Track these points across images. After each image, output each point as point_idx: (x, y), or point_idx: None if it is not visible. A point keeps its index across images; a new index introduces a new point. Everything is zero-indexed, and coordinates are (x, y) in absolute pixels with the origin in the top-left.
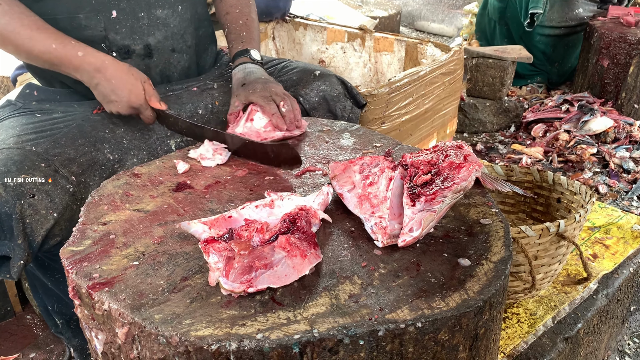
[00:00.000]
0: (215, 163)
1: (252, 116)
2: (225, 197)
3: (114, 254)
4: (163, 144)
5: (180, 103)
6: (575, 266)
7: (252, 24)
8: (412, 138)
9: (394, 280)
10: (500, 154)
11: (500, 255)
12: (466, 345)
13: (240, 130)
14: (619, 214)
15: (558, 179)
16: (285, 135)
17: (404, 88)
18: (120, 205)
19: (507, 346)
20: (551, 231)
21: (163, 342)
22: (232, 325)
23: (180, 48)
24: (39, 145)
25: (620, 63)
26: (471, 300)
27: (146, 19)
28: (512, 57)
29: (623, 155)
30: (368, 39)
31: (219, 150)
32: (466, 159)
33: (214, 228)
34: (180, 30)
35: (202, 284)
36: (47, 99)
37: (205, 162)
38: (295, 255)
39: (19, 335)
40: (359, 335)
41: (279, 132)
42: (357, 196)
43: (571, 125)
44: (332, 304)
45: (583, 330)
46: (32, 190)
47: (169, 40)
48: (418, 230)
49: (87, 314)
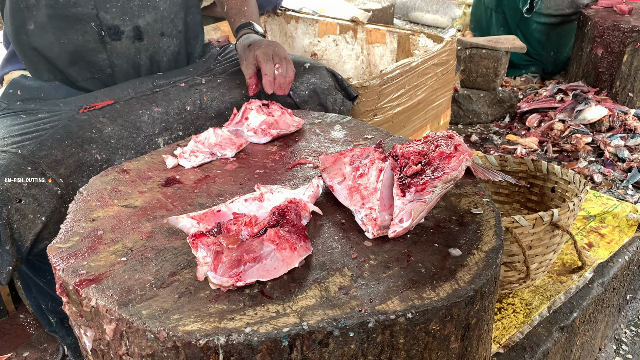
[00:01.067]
0: (191, 165)
1: (247, 115)
2: (214, 191)
3: (101, 250)
4: (151, 142)
5: (168, 100)
6: (571, 255)
7: (251, 2)
8: (405, 130)
9: (384, 271)
10: (495, 145)
11: (492, 244)
12: (458, 335)
13: (234, 128)
14: (614, 203)
15: (552, 168)
16: (280, 133)
17: (396, 79)
18: (108, 201)
19: (502, 336)
20: (545, 220)
21: (151, 337)
22: (220, 319)
23: (170, 32)
24: (24, 148)
25: (614, 52)
26: (462, 290)
27: (137, 0)
28: (505, 47)
29: (618, 144)
30: (360, 31)
31: (199, 152)
32: (457, 148)
33: (202, 222)
34: (170, 14)
35: (190, 278)
36: (32, 97)
37: (181, 160)
38: (284, 248)
39: (12, 334)
40: (349, 327)
41: (274, 130)
42: (348, 188)
43: (566, 114)
44: (322, 297)
45: (579, 319)
46: (19, 194)
47: (159, 23)
48: (408, 221)
49: (75, 310)
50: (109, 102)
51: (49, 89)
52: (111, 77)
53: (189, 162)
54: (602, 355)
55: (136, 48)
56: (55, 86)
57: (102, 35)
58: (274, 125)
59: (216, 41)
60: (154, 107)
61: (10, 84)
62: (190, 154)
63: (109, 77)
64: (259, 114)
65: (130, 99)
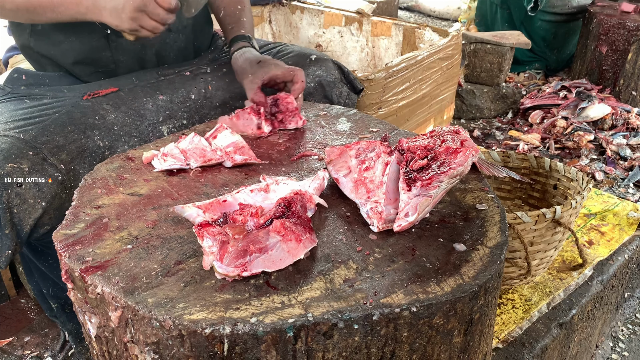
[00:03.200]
0: (161, 168)
1: (217, 133)
2: (220, 181)
3: (107, 237)
4: (155, 130)
5: (173, 88)
6: (571, 252)
7: (248, 11)
8: (409, 124)
9: (389, 265)
10: (497, 141)
11: (496, 240)
12: (461, 330)
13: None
14: (615, 201)
15: (555, 165)
16: (246, 160)
17: (401, 73)
18: (113, 188)
19: (501, 332)
20: (547, 217)
21: (156, 325)
22: (226, 309)
23: (176, 28)
24: (27, 133)
25: (618, 49)
26: (466, 285)
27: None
28: (510, 43)
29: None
30: (365, 23)
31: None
32: (463, 144)
33: (208, 212)
34: None
35: (196, 267)
36: (36, 83)
37: (154, 160)
38: (290, 240)
39: (14, 319)
40: (354, 319)
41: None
42: (353, 181)
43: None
44: (327, 288)
45: (577, 316)
46: (20, 178)
47: None
48: (414, 215)
49: (80, 297)
50: (113, 90)
51: (54, 77)
52: (115, 73)
53: (160, 164)
54: (598, 352)
55: (142, 44)
56: (60, 75)
57: (107, 34)
58: (242, 151)
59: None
60: (159, 95)
61: (14, 70)
62: (161, 156)
63: (113, 72)
64: (233, 134)
65: (135, 86)
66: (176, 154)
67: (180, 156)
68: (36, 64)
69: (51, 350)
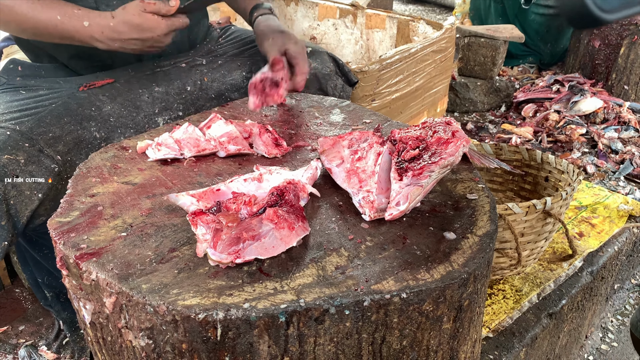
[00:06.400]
0: (155, 157)
1: (211, 123)
2: (213, 170)
3: (101, 225)
4: (151, 121)
5: (169, 80)
6: (561, 244)
7: None
8: (403, 116)
9: (380, 252)
10: (490, 134)
11: (486, 229)
12: (450, 316)
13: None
14: (605, 194)
15: (546, 157)
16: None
17: (395, 65)
18: (108, 177)
19: (492, 321)
20: (538, 208)
21: (150, 311)
22: (219, 295)
23: None
24: (23, 124)
25: (611, 44)
26: (455, 272)
27: None
28: (504, 37)
29: (612, 136)
30: (360, 15)
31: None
32: (454, 134)
33: (202, 200)
34: None
35: (190, 255)
36: (32, 74)
37: (149, 150)
38: (282, 228)
39: (8, 308)
40: (345, 305)
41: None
42: (346, 171)
43: (561, 105)
44: (319, 275)
45: (567, 306)
46: (16, 170)
47: None
48: (405, 204)
49: (74, 284)
50: (109, 81)
51: (50, 68)
52: (111, 67)
53: (154, 153)
54: (588, 343)
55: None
56: (55, 67)
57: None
58: (236, 141)
59: (217, 23)
60: (154, 86)
61: (10, 60)
62: (155, 146)
63: (109, 67)
64: (227, 124)
65: (130, 78)
66: (170, 144)
67: (175, 146)
68: (32, 55)
69: (46, 339)
